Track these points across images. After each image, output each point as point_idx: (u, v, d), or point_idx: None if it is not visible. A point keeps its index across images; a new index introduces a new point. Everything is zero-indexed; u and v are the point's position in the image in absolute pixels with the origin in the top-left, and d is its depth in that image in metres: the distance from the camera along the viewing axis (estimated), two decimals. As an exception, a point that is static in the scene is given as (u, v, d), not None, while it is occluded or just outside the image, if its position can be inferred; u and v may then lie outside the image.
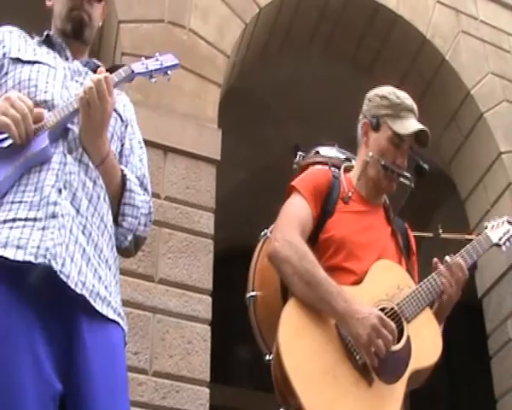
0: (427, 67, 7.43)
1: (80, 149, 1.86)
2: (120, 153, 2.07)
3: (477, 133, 7.32)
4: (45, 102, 1.91)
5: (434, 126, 7.65)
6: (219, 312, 5.95)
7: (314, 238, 2.41)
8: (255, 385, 8.67)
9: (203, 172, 5.73)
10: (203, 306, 5.26)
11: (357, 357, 2.18)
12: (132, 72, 1.99)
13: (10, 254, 1.66)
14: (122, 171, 1.96)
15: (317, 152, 2.79)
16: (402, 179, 2.53)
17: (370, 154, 2.52)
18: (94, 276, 1.75)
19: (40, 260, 1.66)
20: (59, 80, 1.98)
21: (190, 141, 5.75)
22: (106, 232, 1.85)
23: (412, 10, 7.41)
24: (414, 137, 2.53)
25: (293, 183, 2.51)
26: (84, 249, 1.75)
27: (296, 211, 2.42)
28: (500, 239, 2.71)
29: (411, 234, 2.69)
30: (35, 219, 1.72)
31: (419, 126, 2.54)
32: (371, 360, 2.17)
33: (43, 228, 1.71)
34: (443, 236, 2.98)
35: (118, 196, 1.93)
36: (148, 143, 5.63)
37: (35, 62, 2.00)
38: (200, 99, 6.02)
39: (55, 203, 1.74)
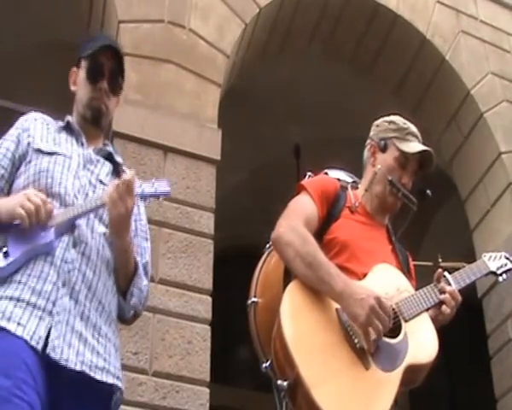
0: (427, 67, 7.43)
1: (83, 243, 2.19)
2: None
3: (477, 133, 7.32)
4: (59, 194, 2.23)
5: (434, 126, 7.68)
6: (219, 312, 5.95)
7: (319, 239, 2.46)
8: (255, 385, 8.67)
9: (203, 173, 5.72)
10: (203, 306, 5.26)
11: (356, 341, 2.24)
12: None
13: (12, 328, 2.01)
14: (135, 258, 2.31)
15: (326, 173, 2.88)
16: (406, 201, 2.64)
17: (379, 166, 2.64)
18: (92, 353, 2.10)
19: (33, 343, 2.01)
20: (72, 170, 2.29)
21: (190, 141, 5.75)
22: (104, 312, 2.19)
23: (412, 10, 7.41)
24: (418, 161, 2.65)
25: (302, 182, 2.62)
26: (81, 334, 2.10)
27: (302, 206, 2.51)
28: (498, 269, 2.78)
29: (411, 262, 2.78)
30: (34, 306, 2.06)
31: (424, 147, 2.65)
32: (368, 343, 2.24)
33: (40, 318, 2.06)
34: (442, 265, 3.11)
35: (130, 277, 2.28)
36: (148, 143, 5.68)
37: (53, 153, 2.31)
38: (200, 99, 6.02)
39: (53, 303, 2.08)
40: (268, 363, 2.33)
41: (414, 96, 7.56)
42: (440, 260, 3.07)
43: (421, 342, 2.37)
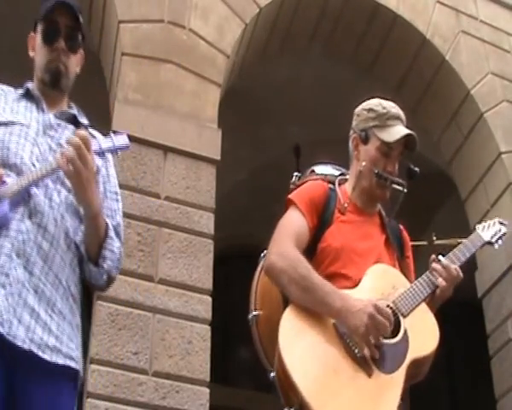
0: (427, 67, 7.43)
1: (39, 214, 2.08)
2: None
3: (477, 133, 7.32)
4: (15, 165, 2.12)
5: (434, 126, 7.68)
6: (219, 312, 5.95)
7: (313, 249, 2.49)
8: (255, 385, 8.67)
9: (203, 172, 5.72)
10: (203, 306, 5.26)
11: (356, 350, 2.25)
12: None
13: None
14: (105, 221, 2.19)
15: (313, 171, 2.87)
16: (395, 186, 2.61)
17: (363, 163, 2.61)
18: (43, 330, 2.00)
19: None
20: (30, 139, 2.19)
21: (190, 141, 5.75)
22: (60, 286, 2.08)
23: (412, 10, 7.41)
24: (403, 142, 2.61)
25: (290, 196, 2.61)
26: (33, 309, 2.00)
27: (291, 223, 2.52)
28: (492, 237, 2.78)
29: (406, 235, 2.76)
30: None
31: (405, 132, 2.61)
32: (372, 351, 2.25)
33: None
34: (437, 242, 3.06)
35: (101, 241, 2.16)
36: (148, 143, 5.68)
37: (9, 124, 2.21)
38: (200, 99, 6.02)
39: (7, 274, 1.98)
40: (274, 374, 2.35)
41: (414, 96, 7.56)
42: (435, 238, 3.05)
43: (421, 335, 2.38)
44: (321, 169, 2.87)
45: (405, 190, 2.61)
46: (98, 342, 4.86)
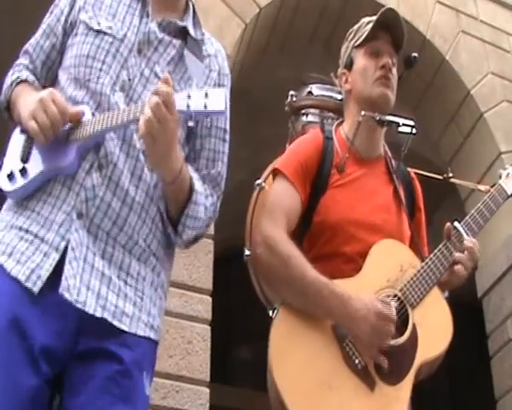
0: (427, 67, 7.42)
1: (112, 165, 1.74)
2: (194, 132, 1.90)
3: (477, 133, 7.32)
4: (94, 92, 1.78)
5: (434, 126, 7.68)
6: (219, 312, 5.95)
7: (308, 221, 2.22)
8: (255, 385, 8.65)
9: (203, 172, 5.72)
10: (203, 306, 5.26)
11: (356, 361, 2.02)
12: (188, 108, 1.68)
13: (9, 266, 1.68)
14: (191, 180, 1.81)
15: (310, 92, 2.60)
16: (401, 129, 2.30)
17: (362, 113, 2.27)
18: (118, 296, 1.72)
19: (29, 284, 1.65)
20: (120, 59, 1.81)
21: (190, 141, 5.75)
22: (137, 247, 1.77)
23: (412, 10, 7.41)
24: (386, 32, 2.33)
25: (277, 165, 2.30)
26: (104, 273, 1.71)
27: (280, 200, 2.20)
28: None
29: (418, 185, 2.44)
30: (42, 240, 1.70)
31: (378, 15, 2.30)
32: (378, 360, 2.02)
33: (45, 254, 1.69)
34: (452, 180, 2.71)
35: (182, 205, 1.81)
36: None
37: (100, 32, 1.83)
38: (200, 99, 6.02)
39: (63, 237, 1.70)
40: (275, 313, 2.12)
41: (414, 96, 7.56)
42: (451, 174, 2.68)
43: (431, 330, 2.11)
44: (320, 91, 2.59)
45: (414, 132, 2.30)
46: (98, 342, 4.85)
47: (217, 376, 5.61)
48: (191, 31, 1.91)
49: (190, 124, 1.85)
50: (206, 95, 1.61)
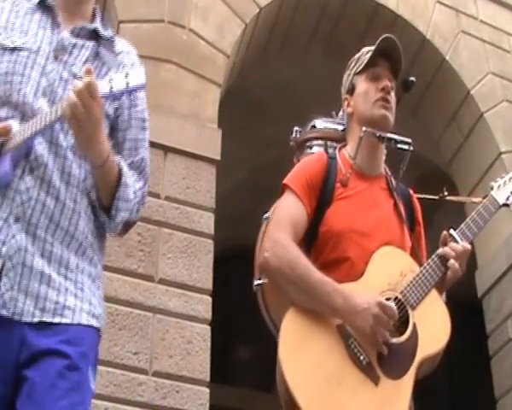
0: (427, 67, 7.43)
1: (42, 167, 1.82)
2: (115, 127, 2.00)
3: (477, 133, 7.32)
4: (17, 104, 1.86)
5: (434, 126, 7.68)
6: (219, 312, 5.95)
7: (314, 232, 2.35)
8: (255, 385, 8.67)
9: (203, 172, 5.73)
10: (203, 306, 5.26)
11: (361, 357, 2.14)
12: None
13: None
14: (119, 165, 1.92)
15: (314, 126, 2.73)
16: (399, 146, 2.45)
17: (364, 128, 2.43)
18: (59, 291, 1.79)
19: None
20: (38, 67, 1.90)
21: (190, 141, 5.75)
22: (73, 241, 1.85)
23: (412, 10, 7.41)
24: (385, 59, 2.47)
25: (284, 180, 2.44)
26: (43, 273, 1.78)
27: (287, 211, 2.36)
28: (508, 198, 2.57)
29: (416, 202, 2.58)
30: None
31: (376, 45, 2.46)
32: (380, 348, 2.14)
33: None
34: (448, 198, 2.86)
35: (113, 189, 1.90)
36: (148, 144, 5.68)
37: (15, 50, 1.91)
38: (200, 99, 6.02)
39: (3, 243, 1.76)
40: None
41: (414, 96, 7.56)
42: (446, 193, 2.87)
43: (431, 329, 2.25)
44: (322, 124, 2.72)
45: (411, 149, 2.45)
46: (98, 342, 4.86)
47: (217, 376, 5.61)
48: (102, 31, 2.04)
49: (115, 105, 1.97)
50: (127, 75, 1.75)
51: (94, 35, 2.01)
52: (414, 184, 2.60)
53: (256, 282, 2.46)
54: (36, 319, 1.74)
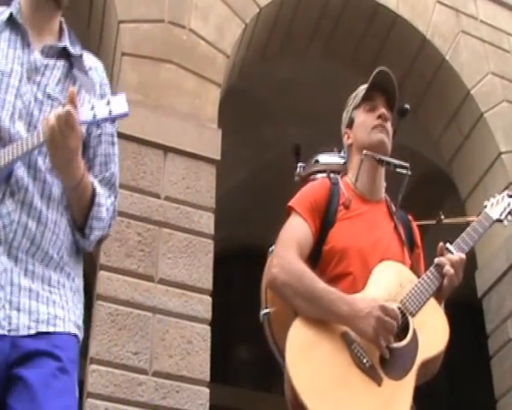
0: (427, 67, 7.43)
1: (23, 190, 1.85)
2: (87, 144, 2.02)
3: (477, 133, 7.32)
4: None
5: (434, 126, 7.69)
6: (219, 312, 5.95)
7: (318, 252, 2.46)
8: (255, 385, 8.67)
9: (203, 172, 5.73)
10: (203, 306, 5.26)
11: (365, 360, 2.24)
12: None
13: None
14: (92, 184, 1.95)
15: (317, 161, 2.84)
16: (398, 170, 2.57)
17: (364, 152, 2.56)
18: (48, 304, 1.85)
19: None
20: (12, 90, 1.90)
21: (190, 141, 5.75)
22: (52, 261, 1.90)
23: (412, 10, 7.41)
24: (381, 92, 2.60)
25: (290, 203, 2.57)
26: (31, 289, 1.83)
27: (293, 231, 2.48)
28: (501, 215, 2.67)
29: (415, 226, 2.70)
30: None
31: (370, 80, 2.60)
32: (383, 351, 2.23)
33: None
34: (445, 221, 2.98)
35: (86, 209, 1.94)
36: (148, 143, 5.68)
37: None
38: (200, 99, 6.03)
39: None
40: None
41: (414, 96, 7.57)
42: (442, 217, 2.98)
43: (430, 333, 2.36)
44: (325, 158, 2.83)
45: (409, 173, 2.57)
46: (98, 342, 4.86)
47: (217, 376, 5.62)
48: (71, 49, 2.04)
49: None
50: (109, 102, 1.80)
51: (64, 53, 2.02)
52: (414, 183, 2.62)
53: (263, 311, 2.54)
54: (32, 331, 1.79)
